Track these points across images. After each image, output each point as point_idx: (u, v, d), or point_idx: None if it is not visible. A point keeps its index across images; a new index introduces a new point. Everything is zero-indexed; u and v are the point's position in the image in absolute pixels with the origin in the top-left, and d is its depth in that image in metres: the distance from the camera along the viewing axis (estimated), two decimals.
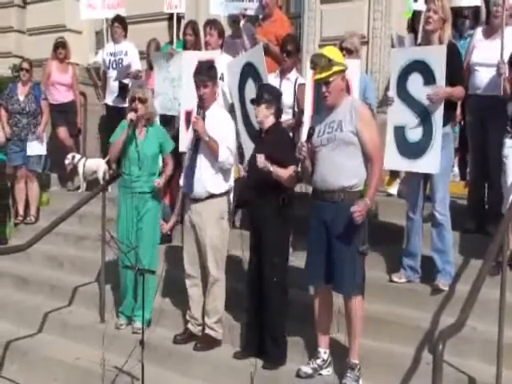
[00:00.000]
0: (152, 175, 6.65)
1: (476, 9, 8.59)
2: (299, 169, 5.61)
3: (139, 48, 10.02)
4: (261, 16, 8.38)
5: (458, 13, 8.43)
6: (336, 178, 5.13)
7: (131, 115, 6.51)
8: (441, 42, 5.92)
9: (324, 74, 5.16)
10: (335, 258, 5.13)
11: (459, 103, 6.70)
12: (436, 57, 5.73)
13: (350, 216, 5.00)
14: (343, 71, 5.25)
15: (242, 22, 8.35)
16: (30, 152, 9.33)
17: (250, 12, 8.50)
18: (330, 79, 5.15)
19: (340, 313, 5.42)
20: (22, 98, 9.40)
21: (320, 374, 5.39)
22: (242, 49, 8.16)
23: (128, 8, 10.48)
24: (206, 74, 6.05)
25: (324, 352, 5.42)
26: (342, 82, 5.26)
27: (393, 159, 5.98)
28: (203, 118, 5.96)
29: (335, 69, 5.15)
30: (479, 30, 6.97)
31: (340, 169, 5.11)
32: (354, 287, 5.15)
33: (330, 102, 5.24)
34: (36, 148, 9.40)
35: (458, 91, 5.92)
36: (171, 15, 9.28)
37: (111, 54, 10.10)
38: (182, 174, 6.26)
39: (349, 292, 5.15)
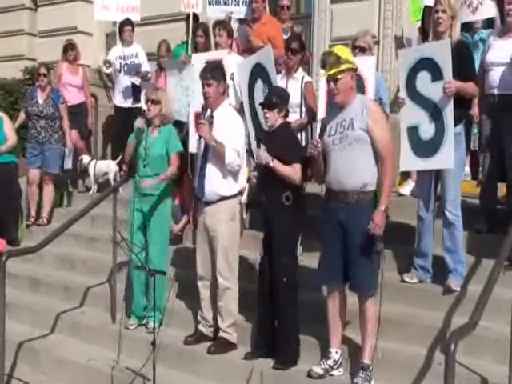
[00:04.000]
0: (157, 176, 6.61)
1: None
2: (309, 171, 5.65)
3: (151, 49, 10.06)
4: (249, 18, 8.43)
5: None
6: (349, 179, 5.12)
7: (139, 123, 6.59)
8: (451, 39, 5.89)
9: (333, 71, 5.18)
10: (352, 259, 5.13)
11: (475, 102, 6.68)
12: (441, 51, 5.70)
13: (365, 216, 5.06)
14: (352, 70, 5.25)
15: (236, 26, 8.37)
16: (66, 166, 9.78)
17: (237, 15, 8.54)
18: (339, 76, 5.16)
19: (352, 313, 5.41)
20: (40, 101, 9.45)
21: (331, 375, 5.37)
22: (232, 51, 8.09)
23: (143, 9, 10.55)
24: (209, 72, 6.06)
25: (335, 352, 5.40)
26: (352, 81, 5.26)
27: (408, 160, 5.96)
28: (210, 121, 5.98)
29: (344, 66, 5.16)
30: (494, 31, 6.95)
31: (353, 169, 5.11)
32: (372, 287, 5.16)
33: (340, 99, 5.24)
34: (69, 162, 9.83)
35: (471, 87, 5.89)
36: (188, 16, 9.33)
37: (121, 58, 10.18)
38: (196, 177, 6.28)
39: (366, 292, 5.15)
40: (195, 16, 9.47)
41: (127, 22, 10.22)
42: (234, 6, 8.60)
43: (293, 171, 5.60)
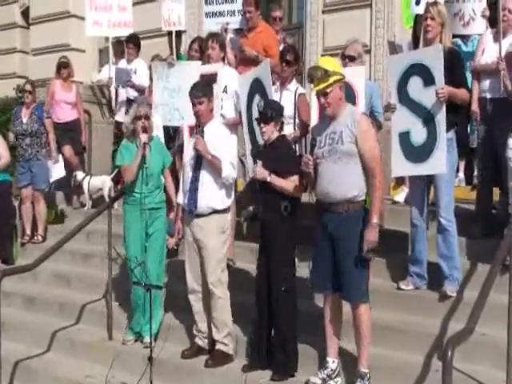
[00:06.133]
0: (159, 189, 6.66)
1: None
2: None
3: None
4: (245, 28, 8.40)
5: None
6: (338, 191, 5.11)
7: (144, 138, 6.49)
8: (442, 46, 5.89)
9: (322, 86, 5.16)
10: (342, 267, 5.13)
11: (475, 99, 6.69)
12: (432, 57, 5.72)
13: (354, 225, 5.08)
14: (340, 80, 5.23)
15: (229, 36, 8.35)
16: (53, 177, 9.62)
17: (233, 26, 8.53)
18: (328, 90, 5.15)
19: (349, 322, 5.38)
20: (25, 119, 9.45)
21: None
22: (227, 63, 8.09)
23: (135, 24, 10.60)
24: (200, 91, 6.05)
25: (333, 361, 5.38)
26: (341, 92, 5.24)
27: (400, 166, 5.96)
28: (202, 136, 5.98)
29: (332, 79, 5.14)
30: (489, 32, 7.02)
31: (342, 181, 5.10)
32: (362, 295, 5.15)
33: (330, 112, 5.24)
34: (57, 171, 9.67)
35: (463, 93, 5.91)
36: (171, 32, 9.31)
37: None
38: (180, 191, 6.27)
39: (357, 300, 5.13)
40: (179, 32, 9.47)
41: (130, 39, 10.19)
42: (230, 16, 8.60)
43: (290, 184, 5.60)
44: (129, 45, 10.15)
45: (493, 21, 7.37)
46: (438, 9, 6.00)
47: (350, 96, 5.88)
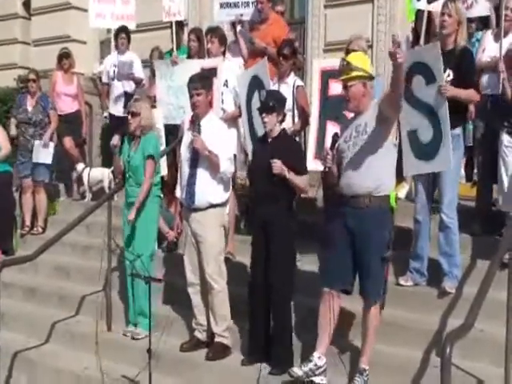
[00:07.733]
0: (139, 185, 6.62)
1: None
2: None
3: (143, 56, 10.05)
4: (257, 19, 8.39)
5: None
6: (361, 181, 5.05)
7: (114, 140, 6.65)
8: (456, 45, 5.91)
9: (342, 77, 5.17)
10: (363, 266, 5.07)
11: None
12: (431, 55, 5.70)
13: (375, 222, 5.02)
14: (364, 77, 5.16)
15: (238, 28, 8.35)
16: (35, 159, 9.31)
17: (246, 17, 8.53)
18: (348, 83, 5.13)
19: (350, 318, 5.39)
20: (30, 108, 9.44)
21: (311, 381, 5.16)
22: (239, 54, 8.13)
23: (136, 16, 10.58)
24: (199, 81, 6.06)
25: (319, 357, 5.17)
26: (364, 89, 5.15)
27: (411, 165, 5.93)
28: (199, 131, 5.97)
29: (354, 74, 5.11)
30: (490, 32, 7.05)
31: (365, 171, 5.05)
32: (380, 294, 5.16)
33: (351, 106, 5.23)
34: (42, 156, 9.36)
35: (471, 93, 5.90)
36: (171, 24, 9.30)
37: (115, 66, 10.13)
38: (178, 185, 6.27)
39: (373, 300, 5.09)
40: (181, 23, 9.45)
41: (121, 30, 10.19)
42: (244, 8, 8.57)
43: (306, 182, 5.63)
44: (121, 36, 10.15)
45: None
46: (457, 6, 5.95)
47: None
